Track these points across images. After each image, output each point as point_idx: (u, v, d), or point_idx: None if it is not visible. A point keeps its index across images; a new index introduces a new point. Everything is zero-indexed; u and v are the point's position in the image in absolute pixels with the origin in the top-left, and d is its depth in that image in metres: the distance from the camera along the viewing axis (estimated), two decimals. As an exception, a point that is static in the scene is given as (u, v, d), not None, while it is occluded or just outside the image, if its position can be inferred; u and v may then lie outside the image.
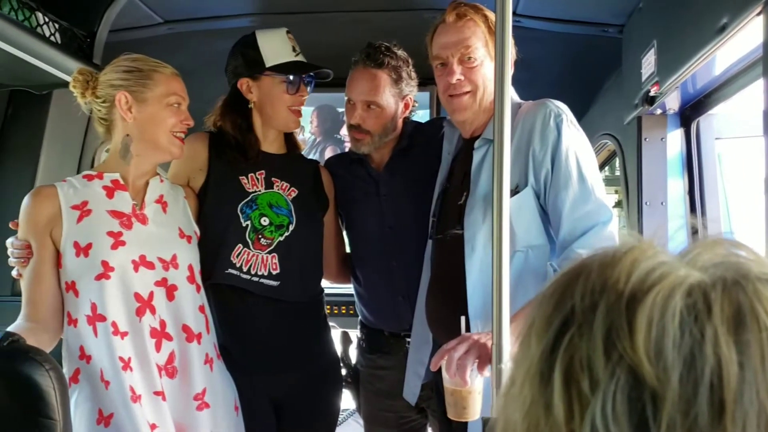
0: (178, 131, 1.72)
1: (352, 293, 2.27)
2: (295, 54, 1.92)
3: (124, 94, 1.68)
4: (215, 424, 1.72)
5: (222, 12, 2.41)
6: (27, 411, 1.28)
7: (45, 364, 1.29)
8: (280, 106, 1.92)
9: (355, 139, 2.00)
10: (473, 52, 1.69)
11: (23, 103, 2.38)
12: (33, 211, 1.65)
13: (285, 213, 1.91)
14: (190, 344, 1.70)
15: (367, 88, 1.96)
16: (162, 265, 1.69)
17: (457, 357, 1.40)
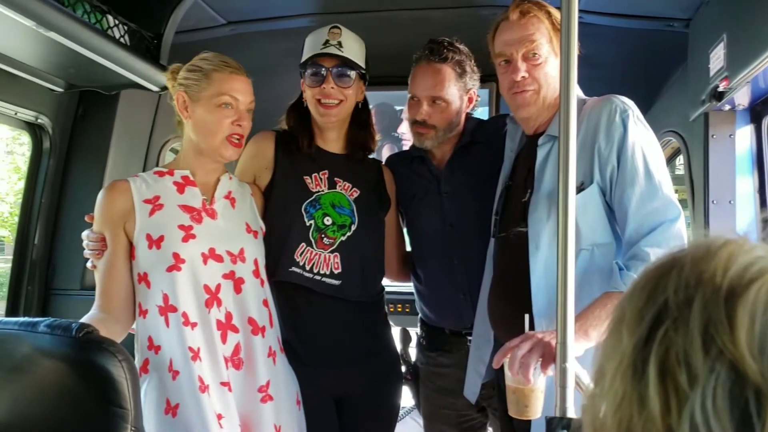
0: (232, 134, 1.72)
1: (411, 292, 2.27)
2: (324, 47, 1.90)
3: (182, 94, 1.73)
4: (278, 418, 1.74)
5: (283, 12, 2.45)
6: (100, 400, 1.32)
7: (118, 355, 1.33)
8: (309, 102, 1.95)
9: (419, 134, 2.00)
10: (537, 48, 1.67)
11: (92, 103, 2.47)
12: (107, 205, 1.70)
13: (347, 213, 1.93)
14: (255, 337, 1.73)
15: (432, 83, 1.96)
16: (230, 258, 1.72)
17: (520, 355, 1.39)
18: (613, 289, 1.52)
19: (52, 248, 2.52)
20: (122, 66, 1.99)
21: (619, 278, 1.52)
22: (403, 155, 2.25)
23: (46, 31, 1.67)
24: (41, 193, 2.47)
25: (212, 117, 1.70)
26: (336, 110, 1.91)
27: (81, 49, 1.81)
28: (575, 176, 1.37)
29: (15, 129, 7.46)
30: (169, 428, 1.61)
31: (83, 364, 1.33)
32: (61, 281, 2.52)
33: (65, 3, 1.77)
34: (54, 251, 2.52)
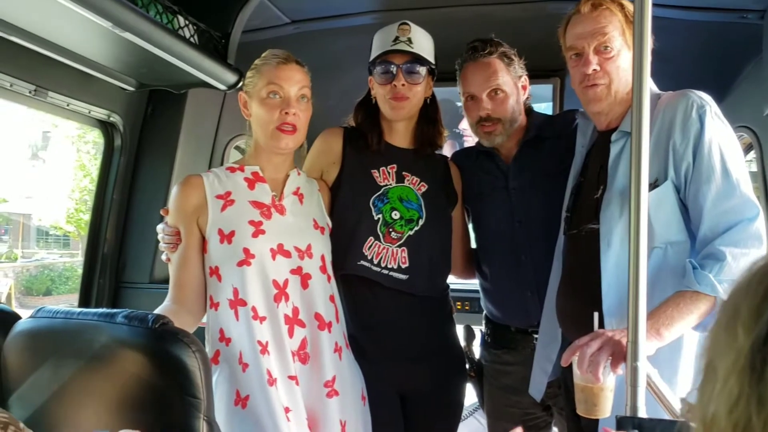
0: (282, 123, 1.72)
1: (473, 289, 2.26)
2: (394, 43, 1.90)
3: (242, 94, 1.78)
4: (343, 413, 1.76)
5: (346, 10, 2.47)
6: (175, 389, 1.35)
7: (192, 346, 1.37)
8: (380, 98, 1.96)
9: (487, 132, 1.99)
10: (610, 41, 1.65)
11: (161, 102, 2.54)
12: (181, 200, 1.75)
13: (415, 207, 1.93)
14: (321, 332, 1.75)
15: (486, 77, 1.96)
16: (297, 254, 1.75)
17: (590, 353, 1.37)
18: (686, 287, 1.48)
19: (123, 243, 2.61)
20: (191, 65, 2.03)
21: (692, 277, 1.48)
22: (469, 151, 2.24)
23: (122, 31, 1.72)
24: (112, 189, 2.55)
25: (262, 109, 1.73)
26: (406, 104, 1.91)
27: (153, 48, 1.86)
28: (648, 173, 1.35)
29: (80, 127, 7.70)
30: (238, 419, 1.64)
31: (159, 354, 1.37)
32: (130, 274, 2.61)
33: (139, 4, 1.83)
34: (124, 246, 2.61)
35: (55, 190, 13.75)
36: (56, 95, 2.15)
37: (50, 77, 2.11)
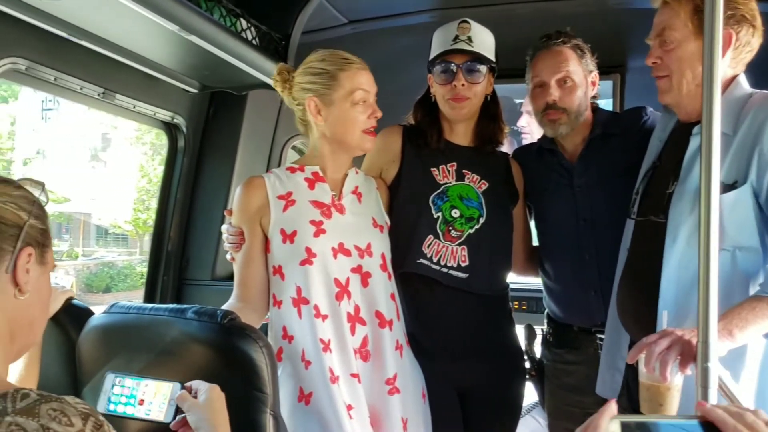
0: (368, 127, 1.77)
1: (533, 289, 2.24)
2: (454, 43, 1.89)
3: (313, 100, 1.76)
4: (405, 410, 1.76)
5: (403, 9, 2.49)
6: (243, 383, 1.38)
7: (259, 341, 1.39)
8: (439, 98, 1.95)
9: (552, 121, 1.96)
10: (668, 34, 1.62)
11: (223, 103, 2.60)
12: (245, 200, 1.78)
13: (475, 206, 1.93)
14: (383, 330, 1.76)
15: (557, 64, 1.95)
16: (358, 252, 1.76)
17: (658, 351, 1.35)
18: (764, 293, 1.44)
19: (186, 241, 2.67)
20: (253, 67, 2.08)
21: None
22: (531, 148, 2.21)
23: (188, 34, 1.77)
24: (176, 189, 2.62)
25: (350, 115, 1.74)
26: (466, 104, 1.91)
27: (217, 51, 1.91)
28: (728, 173, 1.32)
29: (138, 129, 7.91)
30: (301, 416, 1.66)
31: (227, 348, 1.40)
32: (193, 272, 2.68)
33: (203, 7, 1.87)
34: (187, 244, 2.68)
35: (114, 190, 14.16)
36: (123, 98, 2.22)
37: (118, 80, 2.18)
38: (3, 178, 1.04)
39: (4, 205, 1.00)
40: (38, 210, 1.06)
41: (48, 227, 1.09)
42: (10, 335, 1.03)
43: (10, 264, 1.00)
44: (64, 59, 1.95)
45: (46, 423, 0.86)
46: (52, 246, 1.10)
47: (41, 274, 1.07)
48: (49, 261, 1.09)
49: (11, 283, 1.01)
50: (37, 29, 1.80)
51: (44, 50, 1.89)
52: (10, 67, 1.82)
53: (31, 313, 1.06)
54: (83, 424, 0.90)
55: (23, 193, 1.05)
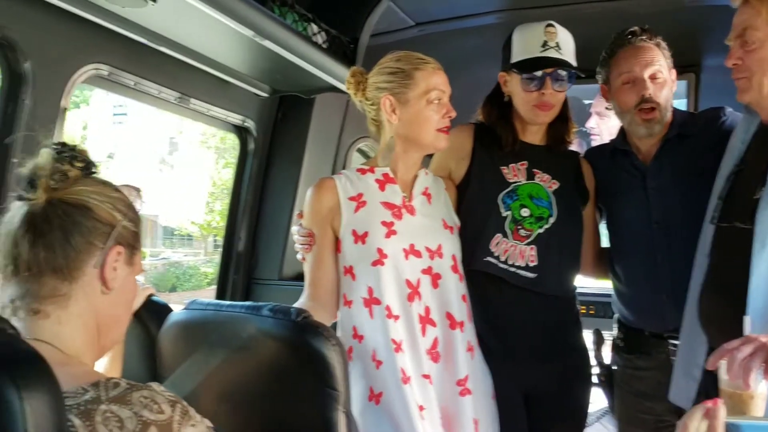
0: (443, 126, 1.77)
1: (597, 293, 2.20)
2: (543, 49, 1.87)
3: (388, 98, 1.76)
4: (476, 411, 1.75)
5: (470, 11, 2.49)
6: (316, 381, 1.40)
7: (331, 339, 1.41)
8: (522, 103, 1.92)
9: (645, 119, 1.91)
10: (750, 34, 1.57)
11: (291, 106, 2.65)
12: (316, 202, 1.80)
13: (545, 205, 1.91)
14: (453, 331, 1.76)
15: (648, 59, 1.90)
16: (428, 254, 1.77)
17: (741, 357, 1.30)
18: None
19: (254, 241, 2.74)
20: (323, 70, 2.12)
21: None
22: (603, 148, 2.17)
23: (262, 39, 1.82)
24: (246, 191, 2.69)
25: (425, 113, 1.75)
26: (551, 112, 1.91)
27: (289, 55, 1.96)
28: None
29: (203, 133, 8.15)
30: (372, 415, 1.67)
31: (300, 346, 1.42)
32: (262, 272, 2.74)
33: (277, 12, 1.92)
34: (256, 244, 2.74)
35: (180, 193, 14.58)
36: (198, 102, 2.29)
37: (193, 85, 2.25)
38: (103, 180, 1.09)
39: (100, 204, 1.04)
40: (132, 214, 1.10)
41: (140, 231, 1.13)
42: (97, 329, 1.07)
43: (99, 260, 1.04)
44: (143, 65, 2.03)
45: (139, 411, 0.90)
46: (141, 249, 1.14)
47: (128, 274, 1.10)
48: (136, 263, 1.13)
49: (98, 279, 1.04)
50: (119, 36, 1.88)
51: (125, 56, 1.97)
52: (93, 73, 1.91)
53: (116, 310, 1.10)
54: (172, 410, 0.93)
55: (120, 196, 1.09)
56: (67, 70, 1.81)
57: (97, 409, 0.89)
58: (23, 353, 0.79)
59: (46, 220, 1.01)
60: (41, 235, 1.01)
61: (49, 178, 1.01)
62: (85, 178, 1.06)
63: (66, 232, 1.01)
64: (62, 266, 1.01)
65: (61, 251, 1.01)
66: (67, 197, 1.02)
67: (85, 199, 1.03)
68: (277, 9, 1.92)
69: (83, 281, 1.03)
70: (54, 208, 1.01)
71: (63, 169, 1.03)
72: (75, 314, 1.03)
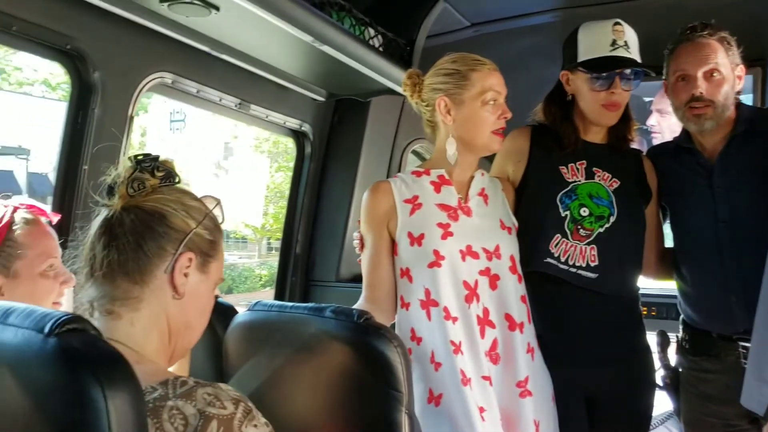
0: (497, 128, 1.76)
1: (659, 294, 2.15)
2: (612, 48, 1.85)
3: (443, 99, 1.77)
4: (537, 413, 1.74)
5: (526, 10, 2.47)
6: (378, 382, 1.40)
7: (394, 341, 1.41)
8: (589, 102, 1.90)
9: (697, 116, 1.87)
10: None
11: (347, 110, 2.68)
12: (372, 205, 1.82)
13: (606, 204, 1.88)
14: (513, 332, 1.75)
15: (704, 56, 1.85)
16: (486, 255, 1.76)
17: None
18: None
19: (312, 244, 2.77)
20: (380, 73, 2.13)
21: None
22: (666, 146, 2.13)
23: (321, 44, 1.84)
24: (303, 194, 2.73)
25: (480, 114, 1.75)
26: (618, 111, 1.89)
27: (347, 59, 1.98)
28: None
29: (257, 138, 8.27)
30: (432, 417, 1.67)
31: (363, 347, 1.43)
32: (319, 273, 2.77)
33: (335, 17, 1.94)
34: (313, 246, 2.78)
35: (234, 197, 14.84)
36: (257, 108, 2.34)
37: (252, 91, 2.30)
38: (183, 190, 1.11)
39: (175, 212, 1.06)
40: (210, 222, 1.11)
41: (217, 239, 1.13)
42: (169, 333, 1.09)
43: (169, 265, 1.05)
44: (205, 73, 2.09)
45: (203, 407, 0.91)
46: (218, 258, 1.14)
47: (201, 281, 1.10)
48: (212, 272, 1.13)
49: (169, 284, 1.06)
50: (182, 45, 1.93)
51: (188, 65, 2.03)
52: (158, 81, 1.97)
53: (187, 316, 1.11)
54: (235, 408, 0.94)
55: (198, 205, 1.10)
56: (133, 79, 1.87)
57: (165, 406, 0.91)
58: (106, 353, 0.82)
59: (120, 224, 1.04)
60: (114, 239, 1.04)
61: (126, 186, 1.05)
62: (164, 187, 1.08)
63: (138, 236, 1.04)
64: (134, 270, 1.04)
65: (133, 255, 1.04)
66: (143, 204, 1.05)
67: (159, 206, 1.06)
68: (335, 14, 1.94)
69: (154, 285, 1.05)
70: (128, 213, 1.05)
71: (142, 178, 1.05)
72: (146, 317, 1.05)
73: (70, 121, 1.80)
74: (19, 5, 1.60)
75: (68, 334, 0.81)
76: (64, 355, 0.80)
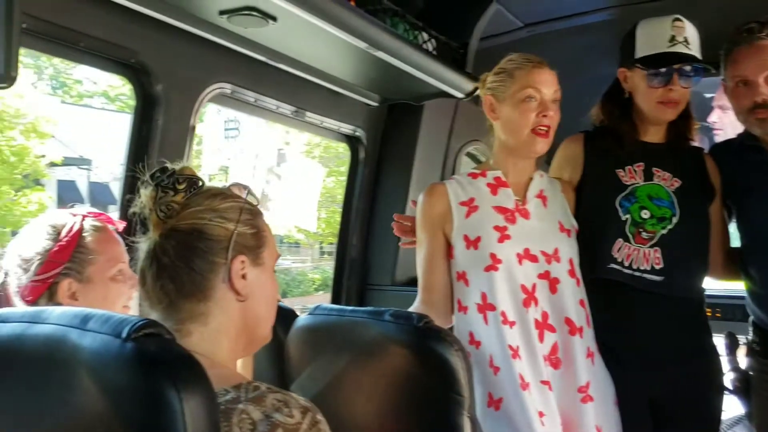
0: (538, 126, 1.72)
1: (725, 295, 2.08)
2: (671, 44, 1.81)
3: (489, 97, 1.78)
4: (599, 418, 1.72)
5: (580, 9, 2.43)
6: (440, 386, 1.40)
7: (454, 345, 1.41)
8: (646, 99, 1.86)
9: (761, 119, 1.82)
10: None
11: (400, 114, 2.69)
12: (427, 208, 1.82)
13: (667, 205, 1.84)
14: (573, 337, 1.73)
15: (765, 61, 1.80)
16: (544, 258, 1.74)
17: None
18: None
19: (367, 247, 2.79)
20: (434, 77, 2.14)
21: None
22: (730, 144, 2.07)
23: (375, 51, 1.86)
24: (357, 198, 2.75)
25: (517, 112, 1.73)
26: (677, 108, 1.85)
27: (401, 64, 1.99)
28: None
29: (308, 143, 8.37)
30: (492, 421, 1.67)
31: (424, 351, 1.43)
32: (374, 277, 2.79)
33: (388, 23, 1.96)
34: (368, 251, 2.79)
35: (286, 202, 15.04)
36: (312, 114, 2.37)
37: (307, 98, 2.33)
38: (210, 192, 1.09)
39: (210, 222, 1.05)
40: (246, 215, 1.09)
41: (259, 227, 1.11)
42: (241, 333, 1.10)
43: (225, 275, 1.05)
44: (262, 82, 2.13)
45: (270, 413, 0.92)
46: (268, 243, 1.13)
47: (260, 274, 1.10)
48: (265, 260, 1.11)
49: (230, 291, 1.06)
50: (241, 56, 1.98)
51: (246, 75, 2.07)
52: (218, 92, 2.02)
53: (257, 311, 1.11)
54: (302, 417, 0.94)
55: (230, 204, 1.08)
56: (195, 90, 1.92)
57: (235, 409, 0.92)
58: (181, 356, 0.84)
59: (164, 253, 1.04)
60: (164, 269, 1.04)
61: (156, 212, 1.04)
62: (192, 198, 1.06)
63: (185, 259, 1.03)
64: (192, 291, 1.04)
65: (188, 278, 1.04)
66: (179, 225, 1.04)
67: (195, 221, 1.04)
68: (389, 20, 1.96)
69: (217, 297, 1.05)
70: (168, 239, 1.04)
71: (167, 200, 1.04)
72: (214, 329, 1.06)
73: (135, 132, 1.86)
74: (86, 22, 1.65)
75: (145, 338, 0.83)
76: (141, 359, 0.82)
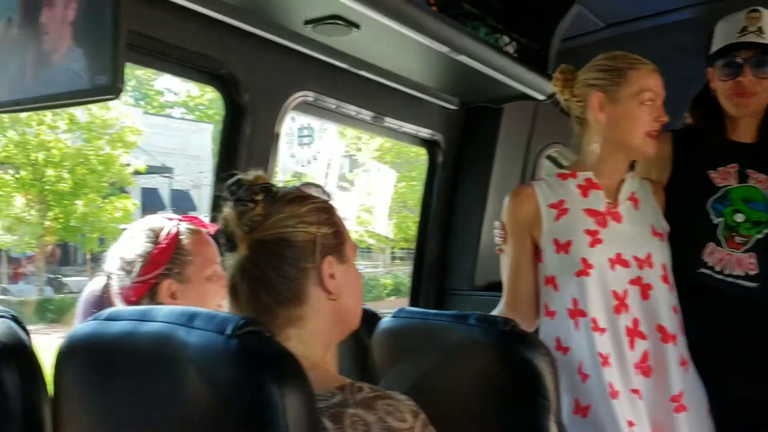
0: (652, 129, 1.70)
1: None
2: (741, 35, 1.74)
3: (597, 95, 1.72)
4: (692, 428, 1.67)
5: (664, 7, 2.37)
6: (526, 390, 1.39)
7: (541, 349, 1.40)
8: (720, 94, 1.81)
9: None
10: None
11: (479, 117, 2.68)
12: (514, 210, 1.80)
13: (762, 208, 1.76)
14: (666, 345, 1.68)
15: None
16: (637, 263, 1.70)
17: None
18: None
19: (445, 252, 2.79)
20: (515, 79, 2.13)
21: None
22: None
23: (457, 55, 1.87)
24: (435, 202, 2.75)
25: (635, 114, 1.69)
26: (753, 101, 1.77)
27: (482, 67, 1.99)
28: None
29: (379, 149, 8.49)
30: (578, 427, 1.64)
31: (509, 355, 1.42)
32: (453, 282, 2.78)
33: (469, 27, 1.96)
34: (446, 254, 2.79)
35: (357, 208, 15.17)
36: (391, 120, 2.39)
37: (386, 103, 2.35)
38: (288, 197, 1.10)
39: (294, 229, 1.07)
40: (325, 215, 1.11)
41: (337, 224, 1.13)
42: (330, 332, 1.12)
43: (316, 278, 1.08)
44: (343, 89, 2.16)
45: (384, 417, 0.94)
46: (347, 238, 1.14)
47: (345, 270, 1.12)
48: (349, 254, 1.14)
49: (323, 292, 1.09)
50: (324, 63, 2.02)
51: (327, 82, 2.11)
52: (301, 100, 2.06)
53: (347, 307, 1.13)
54: (414, 419, 0.96)
55: (309, 207, 1.10)
56: (279, 99, 1.97)
57: (346, 412, 0.94)
58: (282, 353, 0.88)
59: (253, 265, 1.06)
60: (255, 282, 1.06)
61: (240, 227, 1.06)
62: (271, 206, 1.07)
63: (275, 269, 1.06)
64: (287, 298, 1.06)
65: (281, 287, 1.06)
66: (264, 236, 1.06)
67: (279, 231, 1.06)
68: (470, 24, 1.96)
69: (311, 300, 1.08)
70: (256, 252, 1.06)
71: (249, 214, 1.06)
72: (311, 331, 1.08)
73: (225, 141, 1.93)
74: (176, 34, 1.71)
75: (247, 335, 0.87)
76: (245, 355, 0.86)
